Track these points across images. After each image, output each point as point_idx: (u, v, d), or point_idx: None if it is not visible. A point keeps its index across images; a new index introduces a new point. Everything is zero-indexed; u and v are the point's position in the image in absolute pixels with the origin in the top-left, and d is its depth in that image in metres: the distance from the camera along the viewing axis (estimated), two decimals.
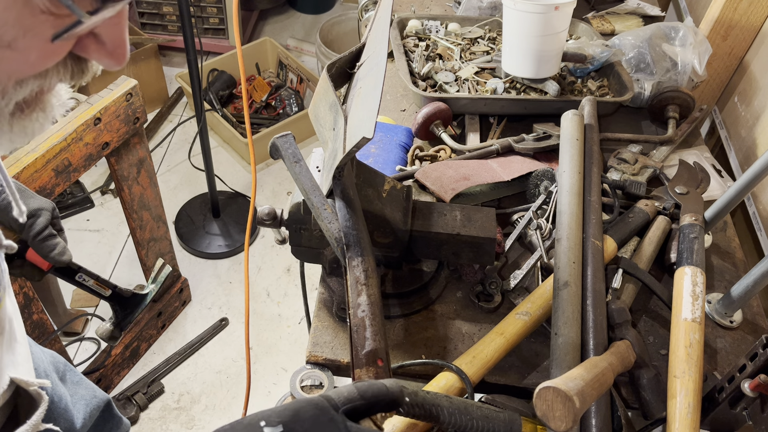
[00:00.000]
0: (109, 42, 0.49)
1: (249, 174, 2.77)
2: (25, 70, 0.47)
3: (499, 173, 1.23)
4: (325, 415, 0.54)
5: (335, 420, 0.54)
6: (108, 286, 1.06)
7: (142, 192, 1.82)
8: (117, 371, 2.06)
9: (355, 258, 0.82)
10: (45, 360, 1.19)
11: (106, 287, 1.06)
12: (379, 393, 0.58)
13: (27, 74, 0.48)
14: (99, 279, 1.05)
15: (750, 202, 1.36)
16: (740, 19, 1.48)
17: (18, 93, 0.49)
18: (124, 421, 1.50)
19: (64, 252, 0.96)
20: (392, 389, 0.59)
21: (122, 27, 0.49)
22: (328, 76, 1.03)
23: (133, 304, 1.08)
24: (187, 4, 1.87)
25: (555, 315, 0.96)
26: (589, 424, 0.85)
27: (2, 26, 0.42)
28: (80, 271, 1.03)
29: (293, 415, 0.53)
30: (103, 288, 1.06)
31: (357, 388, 0.57)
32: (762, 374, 0.81)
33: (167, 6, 3.07)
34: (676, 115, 1.43)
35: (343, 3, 3.72)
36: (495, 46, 1.57)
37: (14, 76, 0.47)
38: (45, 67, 0.48)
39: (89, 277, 1.04)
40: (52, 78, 0.50)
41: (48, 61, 0.47)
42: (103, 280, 1.06)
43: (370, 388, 0.58)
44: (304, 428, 0.52)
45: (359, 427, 0.55)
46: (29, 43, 0.44)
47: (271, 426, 0.52)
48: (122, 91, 1.56)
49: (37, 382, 0.84)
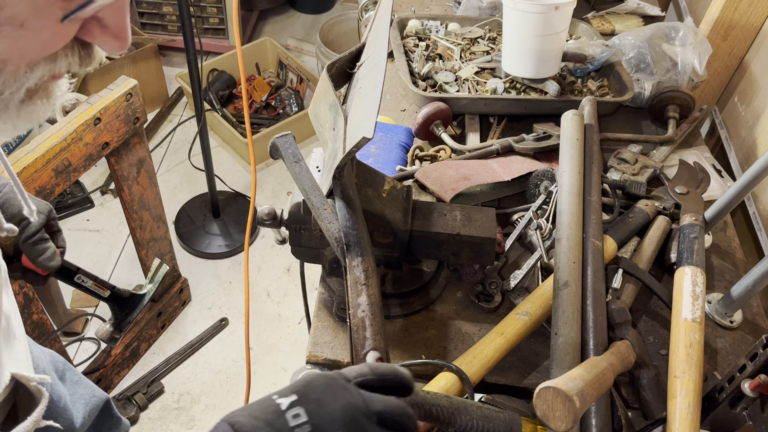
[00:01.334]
0: (113, 25, 0.51)
1: (249, 174, 2.77)
2: (37, 51, 0.49)
3: (499, 173, 1.23)
4: (337, 383, 0.53)
5: (348, 388, 0.53)
6: (106, 286, 1.06)
7: (142, 192, 1.82)
8: (117, 371, 2.06)
9: (355, 258, 0.82)
10: (44, 359, 1.19)
11: (104, 288, 1.06)
12: (389, 371, 0.56)
13: (38, 56, 0.50)
14: (97, 280, 1.05)
15: (750, 202, 1.36)
16: (740, 19, 1.48)
17: (30, 78, 0.51)
18: (124, 421, 1.50)
19: (53, 258, 0.93)
20: (403, 372, 0.57)
21: (125, 11, 0.52)
22: (328, 76, 1.03)
23: (131, 305, 1.08)
24: (187, 4, 1.87)
25: (555, 315, 0.96)
26: (589, 424, 0.85)
27: (16, 5, 0.44)
28: (79, 272, 1.03)
29: (305, 385, 0.52)
30: (102, 289, 1.06)
31: (367, 365, 0.56)
32: (762, 374, 0.81)
33: (167, 6, 3.07)
34: (676, 115, 1.43)
35: (343, 3, 3.72)
36: (495, 46, 1.57)
37: (27, 57, 0.49)
38: (55, 48, 0.50)
39: (88, 278, 1.04)
40: (61, 62, 0.52)
41: (58, 42, 0.50)
42: (102, 281, 1.05)
43: (381, 366, 0.57)
44: (317, 395, 0.51)
45: (373, 395, 0.54)
46: (41, 22, 0.47)
47: (284, 396, 0.51)
48: (122, 91, 1.56)
49: (38, 378, 0.84)
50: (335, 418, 0.50)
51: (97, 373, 1.96)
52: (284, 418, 0.49)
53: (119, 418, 1.47)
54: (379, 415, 0.52)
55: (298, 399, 0.51)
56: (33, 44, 0.48)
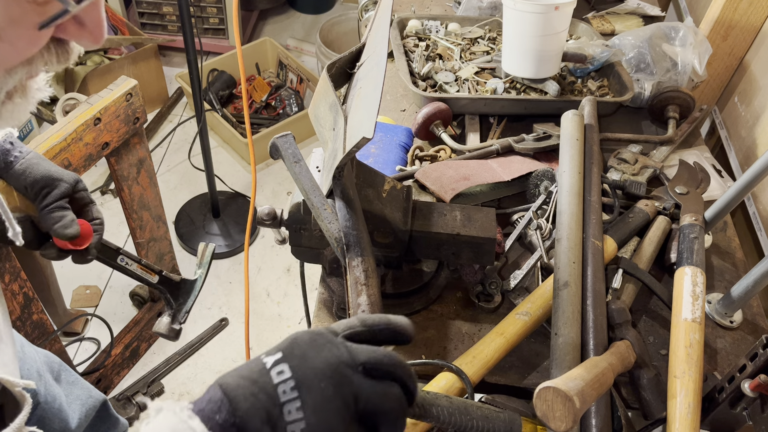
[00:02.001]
0: (89, 22, 0.51)
1: (249, 174, 2.77)
2: (14, 58, 0.49)
3: (499, 173, 1.23)
4: (323, 338, 0.53)
5: (333, 341, 0.53)
6: (153, 270, 0.98)
7: (142, 192, 1.82)
8: (117, 371, 2.06)
9: (355, 258, 0.82)
10: (38, 360, 1.17)
11: (151, 272, 0.98)
12: (378, 321, 0.55)
13: (16, 62, 0.50)
14: (142, 263, 0.97)
15: (750, 202, 1.36)
16: (740, 19, 1.48)
17: (8, 82, 0.51)
18: (122, 421, 1.49)
19: (69, 225, 0.87)
20: (395, 321, 0.56)
21: (100, 7, 0.52)
22: (328, 76, 1.03)
23: (184, 292, 1.00)
24: (187, 4, 1.87)
25: (555, 315, 0.96)
26: (589, 424, 0.85)
27: None
28: (120, 253, 0.95)
29: (291, 342, 0.53)
30: (149, 273, 0.97)
31: (357, 317, 0.56)
32: (762, 374, 0.81)
33: (167, 6, 3.07)
34: (676, 115, 1.43)
35: (343, 3, 3.72)
36: (495, 46, 1.57)
37: (3, 65, 0.49)
38: (32, 54, 0.50)
39: (132, 260, 0.96)
40: (38, 63, 0.52)
41: (34, 48, 0.50)
42: (148, 264, 0.97)
43: (371, 317, 0.56)
44: (302, 351, 0.51)
45: (359, 346, 0.53)
46: (17, 32, 0.47)
47: (270, 355, 0.52)
48: (122, 91, 1.56)
49: (23, 384, 0.81)
50: (318, 371, 0.50)
51: (97, 374, 1.96)
52: (269, 375, 0.50)
53: (117, 418, 1.46)
54: (365, 366, 0.52)
55: (283, 356, 0.51)
56: (10, 53, 0.48)
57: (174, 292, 0.99)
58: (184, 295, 1.00)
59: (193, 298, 1.00)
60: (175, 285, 0.99)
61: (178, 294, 0.99)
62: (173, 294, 0.99)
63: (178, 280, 0.99)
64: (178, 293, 0.99)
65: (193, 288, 1.00)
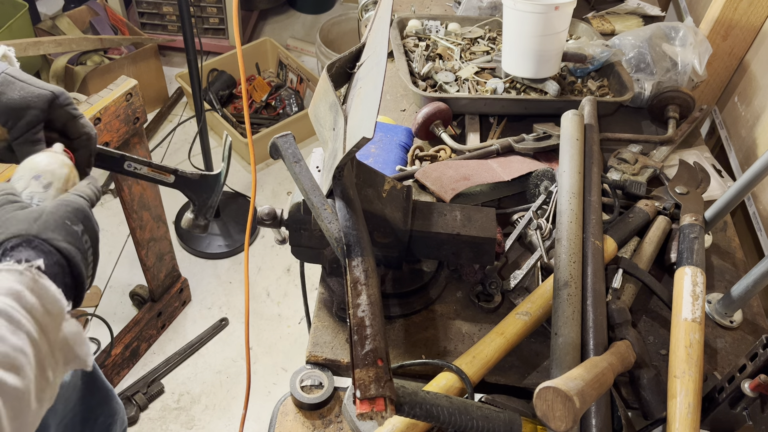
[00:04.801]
0: None
1: (249, 174, 2.77)
2: None
3: (499, 173, 1.23)
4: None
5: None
6: (167, 171, 0.90)
7: (142, 192, 1.82)
8: (117, 371, 2.06)
9: (355, 258, 0.82)
10: None
11: (165, 173, 0.90)
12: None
13: None
14: (153, 165, 0.89)
15: (750, 202, 1.36)
16: (740, 19, 1.48)
17: None
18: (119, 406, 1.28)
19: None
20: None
21: None
22: (328, 76, 1.03)
23: (207, 188, 0.93)
24: (187, 4, 1.87)
25: (555, 315, 0.96)
26: (589, 424, 0.85)
27: None
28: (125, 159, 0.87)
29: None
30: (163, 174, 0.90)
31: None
32: (762, 374, 0.81)
33: (167, 6, 3.07)
34: (676, 115, 1.43)
35: (343, 3, 3.72)
36: (495, 46, 1.57)
37: None
38: None
39: (140, 164, 0.88)
40: None
41: None
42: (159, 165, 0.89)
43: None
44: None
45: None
46: None
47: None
48: (122, 91, 1.56)
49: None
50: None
51: None
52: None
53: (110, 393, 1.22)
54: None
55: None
56: None
57: (196, 190, 0.93)
58: (207, 191, 0.94)
59: (218, 193, 0.95)
60: (195, 183, 0.93)
61: (199, 191, 0.94)
62: (195, 191, 0.93)
63: (197, 177, 0.93)
64: (200, 190, 0.94)
65: (217, 182, 0.95)
